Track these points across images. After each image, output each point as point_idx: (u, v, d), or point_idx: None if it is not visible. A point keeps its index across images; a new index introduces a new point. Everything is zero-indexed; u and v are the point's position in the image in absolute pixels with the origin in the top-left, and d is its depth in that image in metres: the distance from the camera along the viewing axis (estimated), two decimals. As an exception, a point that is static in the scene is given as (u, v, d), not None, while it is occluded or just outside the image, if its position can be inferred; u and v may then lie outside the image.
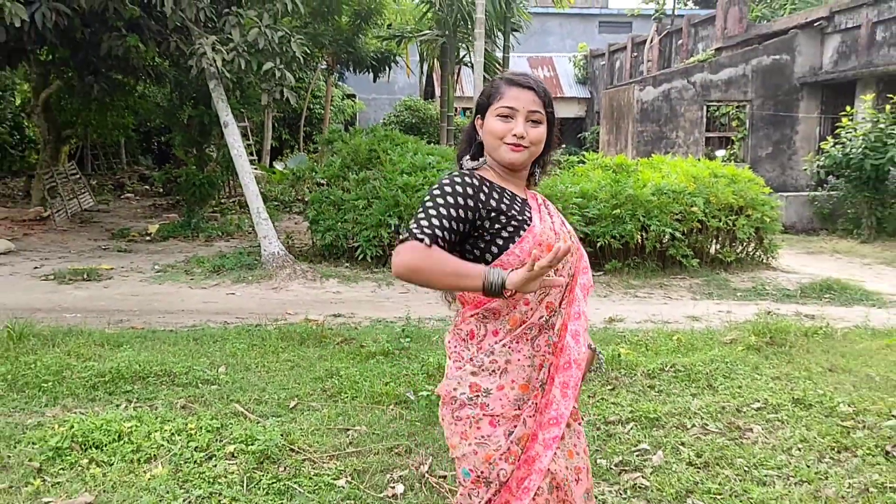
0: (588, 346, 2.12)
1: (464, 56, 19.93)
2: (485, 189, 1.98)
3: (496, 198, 1.99)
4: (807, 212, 14.34)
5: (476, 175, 2.01)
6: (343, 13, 17.40)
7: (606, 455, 3.73)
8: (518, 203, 2.03)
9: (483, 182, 2.00)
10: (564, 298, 2.05)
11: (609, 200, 9.38)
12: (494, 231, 1.97)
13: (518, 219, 1.98)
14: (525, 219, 1.99)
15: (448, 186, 1.95)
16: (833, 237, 13.33)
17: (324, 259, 10.08)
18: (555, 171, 11.79)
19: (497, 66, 19.24)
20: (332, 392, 4.59)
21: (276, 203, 15.65)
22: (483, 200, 1.96)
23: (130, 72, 13.27)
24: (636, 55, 23.26)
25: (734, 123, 16.86)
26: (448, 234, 1.89)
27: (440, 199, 1.92)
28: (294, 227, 12.69)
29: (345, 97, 26.83)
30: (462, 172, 2.01)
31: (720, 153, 16.32)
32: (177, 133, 15.53)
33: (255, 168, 15.94)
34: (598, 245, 9.33)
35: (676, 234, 9.44)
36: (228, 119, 10.12)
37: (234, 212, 14.98)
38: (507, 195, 2.03)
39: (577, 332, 2.07)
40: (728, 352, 5.48)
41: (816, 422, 4.16)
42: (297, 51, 10.04)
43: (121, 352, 5.26)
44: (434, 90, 25.19)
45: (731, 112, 16.81)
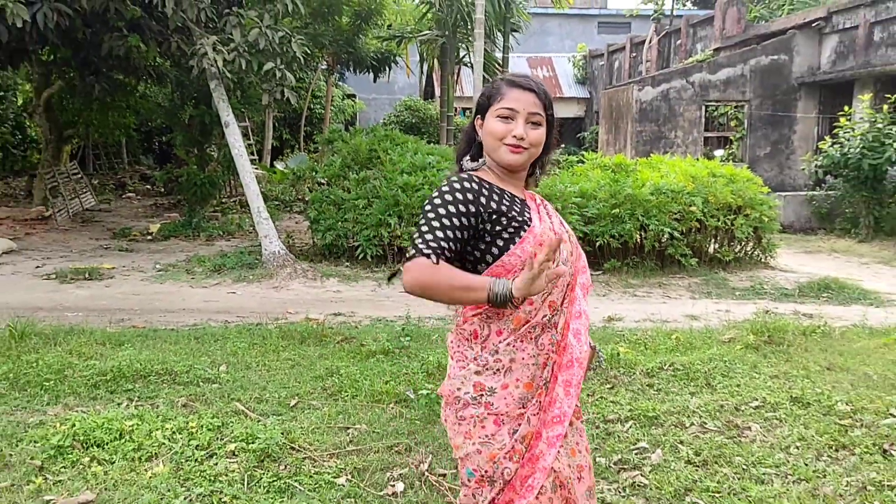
0: (588, 345, 2.13)
1: (463, 56, 19.92)
2: (484, 192, 1.98)
3: (496, 199, 1.99)
4: (805, 211, 14.34)
5: (475, 177, 2.00)
6: (343, 14, 17.39)
7: (605, 453, 3.73)
8: (518, 204, 2.03)
9: (482, 184, 1.99)
10: (566, 297, 2.06)
11: (608, 200, 9.38)
12: (495, 233, 1.96)
13: (518, 220, 1.98)
14: (525, 219, 1.99)
15: (448, 194, 1.94)
16: (831, 236, 13.33)
17: (324, 258, 10.08)
18: (554, 171, 11.81)
19: (496, 67, 19.24)
20: (333, 390, 4.59)
21: (277, 202, 15.65)
22: (484, 203, 1.96)
23: (132, 72, 13.27)
24: (635, 55, 23.26)
25: (732, 123, 16.85)
26: (453, 245, 1.91)
27: (442, 210, 1.92)
28: (295, 227, 12.70)
29: (345, 97, 26.83)
30: (460, 176, 2.00)
31: (719, 153, 16.31)
32: (178, 133, 15.53)
33: (256, 168, 15.94)
34: (598, 244, 9.33)
35: (675, 234, 9.44)
36: (229, 119, 10.12)
37: (235, 211, 14.98)
38: (507, 196, 2.02)
39: (579, 331, 2.07)
40: (726, 350, 5.48)
41: (814, 420, 4.16)
42: (298, 51, 10.04)
43: (122, 350, 5.26)
44: (434, 90, 25.18)
45: (730, 112, 16.81)
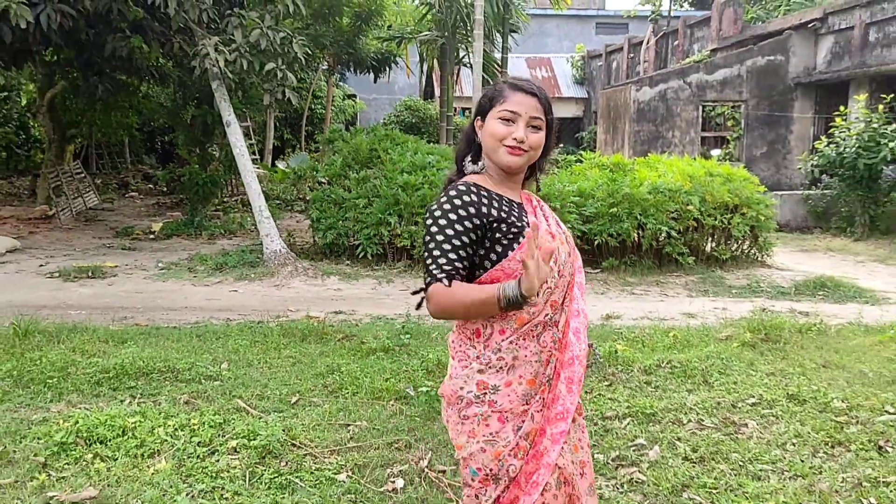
0: (586, 342, 2.12)
1: (463, 57, 19.90)
2: (484, 200, 1.97)
3: (496, 206, 1.98)
4: (801, 210, 14.34)
5: (472, 187, 1.99)
6: (344, 14, 17.38)
7: (604, 450, 3.72)
8: (515, 209, 2.02)
9: (480, 193, 1.98)
10: (567, 296, 2.06)
11: (606, 199, 9.37)
12: (495, 239, 1.96)
13: (517, 225, 1.98)
14: (523, 224, 1.99)
15: (451, 212, 1.93)
16: (827, 235, 13.34)
17: (325, 257, 10.07)
18: (553, 170, 11.80)
19: (496, 67, 19.22)
20: (333, 388, 4.59)
21: (278, 202, 15.64)
22: (485, 213, 1.95)
23: (134, 72, 13.26)
24: (633, 56, 23.25)
25: (729, 123, 16.85)
26: (464, 262, 1.92)
27: (449, 230, 1.92)
28: (296, 226, 12.69)
29: (346, 97, 26.82)
30: (459, 189, 1.98)
31: (716, 152, 16.31)
32: (180, 133, 15.53)
33: (258, 167, 15.93)
34: (596, 243, 9.34)
35: (672, 233, 9.44)
36: (231, 119, 10.11)
37: (237, 210, 14.97)
38: (505, 202, 2.01)
39: (578, 329, 2.07)
40: (723, 348, 5.48)
41: (810, 417, 4.16)
42: (299, 51, 10.03)
43: (125, 348, 5.26)
44: (434, 90, 25.17)
45: (727, 112, 16.81)
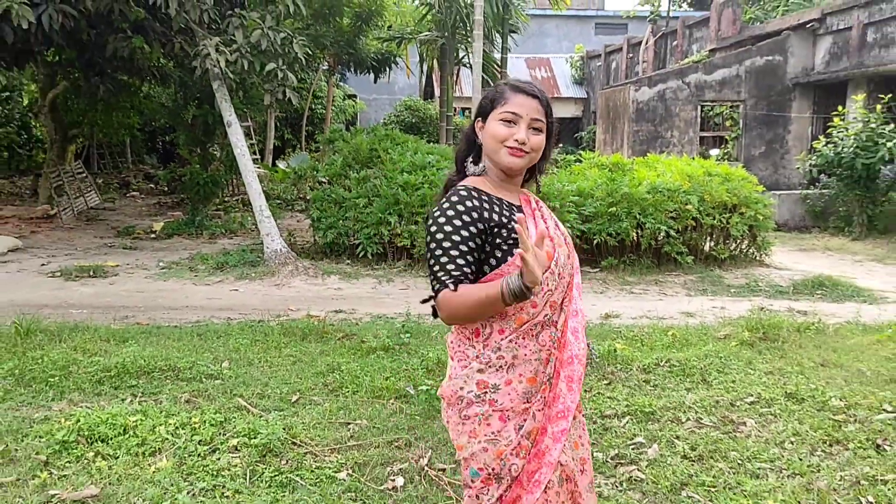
0: (584, 342, 2.12)
1: (463, 57, 19.90)
2: (485, 205, 1.96)
3: (497, 211, 1.97)
4: (799, 210, 14.34)
5: (472, 191, 1.98)
6: (344, 15, 17.37)
7: (603, 448, 3.72)
8: (515, 212, 2.01)
9: (481, 197, 1.97)
10: (566, 296, 2.05)
11: (605, 199, 9.37)
12: (495, 245, 1.95)
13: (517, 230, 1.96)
14: None
15: (456, 219, 1.92)
16: (825, 235, 13.33)
17: (325, 256, 10.07)
18: (552, 170, 11.79)
19: (495, 67, 19.22)
20: (334, 386, 4.59)
21: (279, 201, 15.64)
22: (487, 218, 1.94)
23: (136, 72, 13.25)
24: (632, 56, 23.25)
25: (728, 123, 16.85)
26: (471, 267, 1.91)
27: (455, 236, 1.90)
28: (296, 225, 12.69)
29: (346, 97, 26.82)
30: (460, 195, 1.96)
31: (714, 152, 16.31)
32: (181, 133, 15.52)
33: (258, 167, 15.92)
34: (595, 242, 9.34)
35: (671, 232, 9.44)
36: (232, 119, 10.11)
37: (238, 210, 14.97)
38: (505, 206, 2.00)
39: (577, 329, 2.07)
40: (722, 347, 5.48)
41: (808, 416, 4.16)
42: (299, 52, 10.02)
43: (126, 347, 5.25)
44: (433, 90, 25.17)
45: (725, 112, 16.81)
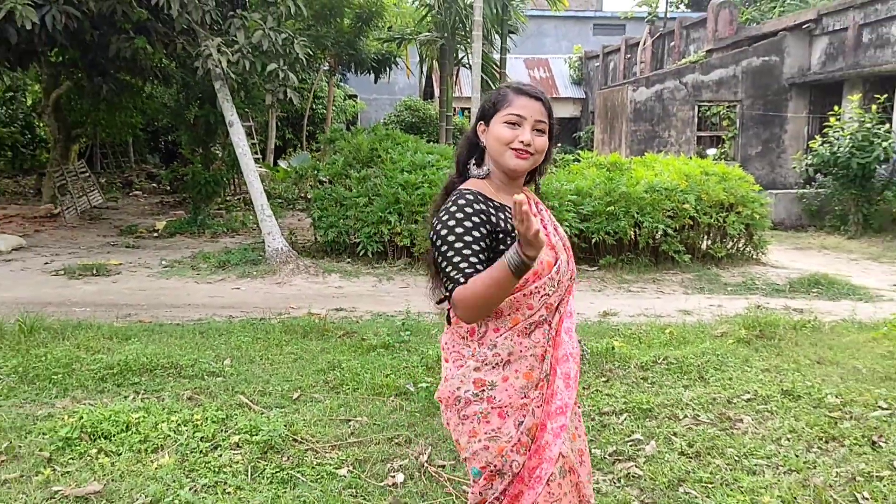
0: (576, 340, 2.14)
1: (462, 57, 19.86)
2: (491, 210, 1.95)
3: (503, 217, 1.96)
4: (795, 209, 14.33)
5: (477, 195, 1.97)
6: (345, 16, 17.34)
7: (601, 445, 3.72)
8: None
9: (487, 201, 1.96)
10: (563, 300, 2.05)
11: (603, 198, 9.36)
12: (499, 251, 1.94)
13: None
14: None
15: (466, 220, 1.91)
16: (821, 233, 13.33)
17: (326, 255, 10.07)
18: (551, 170, 11.79)
19: (494, 68, 19.19)
20: (334, 384, 4.58)
21: (280, 200, 15.64)
22: (493, 222, 1.94)
23: (138, 73, 13.23)
24: (629, 57, 23.23)
25: (725, 123, 16.84)
26: (482, 265, 1.87)
27: (467, 237, 1.89)
28: (297, 224, 12.68)
29: (346, 97, 26.79)
30: (467, 198, 1.95)
31: (711, 152, 16.31)
32: (183, 132, 15.50)
33: (260, 166, 15.92)
34: (593, 241, 9.33)
35: (669, 231, 9.43)
36: (233, 119, 10.10)
37: (239, 209, 14.95)
38: (508, 212, 1.99)
39: (570, 329, 2.09)
40: (719, 345, 5.47)
41: (805, 412, 4.16)
42: (300, 52, 10.01)
43: (129, 345, 5.25)
44: (433, 90, 25.14)
45: (722, 112, 16.80)
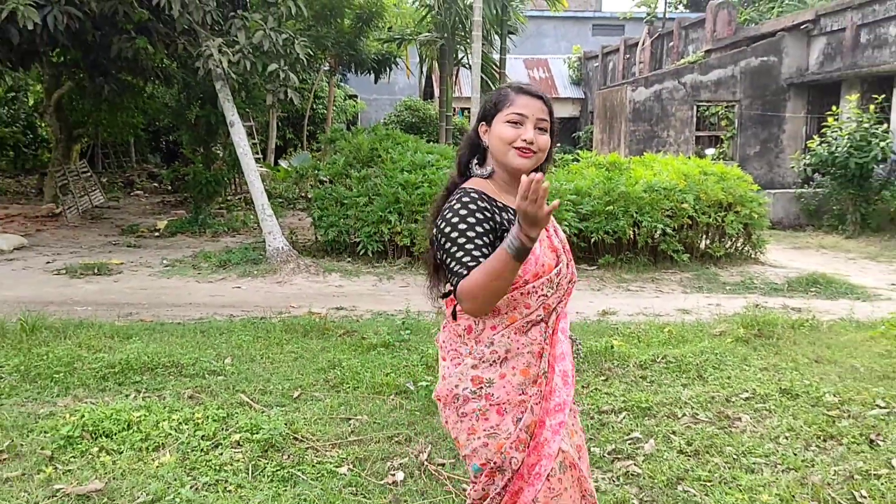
0: (569, 338, 2.15)
1: (462, 58, 19.85)
2: (494, 209, 1.95)
3: (507, 217, 1.96)
4: (793, 208, 14.33)
5: (481, 193, 1.96)
6: (345, 16, 17.33)
7: (600, 443, 3.72)
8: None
9: (491, 200, 1.96)
10: (561, 301, 2.05)
11: (602, 197, 9.36)
12: None
13: None
14: None
15: (469, 217, 1.90)
16: (819, 233, 13.33)
17: (326, 254, 10.06)
18: (550, 169, 11.77)
19: (494, 68, 19.18)
20: (335, 382, 4.58)
21: (281, 200, 15.63)
22: (497, 220, 1.93)
23: (139, 73, 13.23)
24: (628, 57, 23.21)
25: (723, 123, 16.83)
26: (485, 259, 1.85)
27: (470, 232, 1.88)
28: (298, 224, 12.68)
29: (347, 98, 26.78)
30: (471, 196, 1.95)
31: (710, 151, 16.30)
32: (184, 132, 15.48)
33: (260, 166, 15.91)
34: (592, 240, 9.33)
35: (667, 230, 9.43)
36: (234, 119, 10.09)
37: (240, 208, 14.95)
38: (510, 212, 1.98)
39: (565, 329, 2.10)
40: (717, 343, 5.47)
41: (803, 411, 4.16)
42: (301, 53, 10.01)
43: (130, 344, 5.25)
44: (433, 91, 25.13)
45: (721, 112, 16.78)
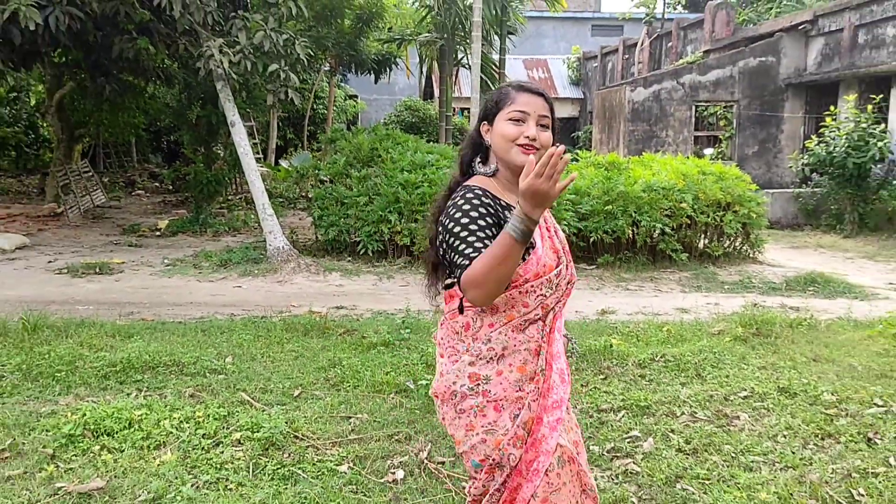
0: (563, 337, 2.15)
1: (461, 58, 19.84)
2: (499, 207, 1.95)
3: (509, 215, 1.96)
4: (792, 208, 14.33)
5: (484, 191, 1.96)
6: (345, 17, 17.33)
7: (599, 442, 3.72)
8: None
9: (494, 199, 1.96)
10: (560, 301, 2.05)
11: (601, 197, 9.36)
12: None
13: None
14: (531, 240, 1.96)
15: (472, 211, 1.90)
16: (817, 232, 13.33)
17: (327, 253, 10.06)
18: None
19: (493, 68, 19.18)
20: (335, 381, 4.58)
21: (281, 200, 15.63)
22: (501, 218, 1.93)
23: (141, 73, 13.23)
24: (627, 57, 23.21)
25: (722, 123, 16.83)
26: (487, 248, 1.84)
27: (472, 225, 1.88)
28: (298, 223, 12.68)
29: (347, 98, 26.78)
30: (475, 192, 1.95)
31: (708, 151, 16.30)
32: (185, 132, 15.48)
33: (261, 166, 15.90)
34: (591, 240, 9.32)
35: (666, 230, 9.42)
36: (235, 119, 10.09)
37: (241, 208, 14.95)
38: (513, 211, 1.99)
39: (560, 328, 2.10)
40: (716, 342, 5.47)
41: (801, 410, 4.15)
42: (301, 53, 10.00)
43: (131, 342, 5.25)
44: (433, 91, 25.12)
45: (719, 112, 16.78)
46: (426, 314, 6.65)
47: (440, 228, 1.96)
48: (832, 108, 13.33)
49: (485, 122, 2.07)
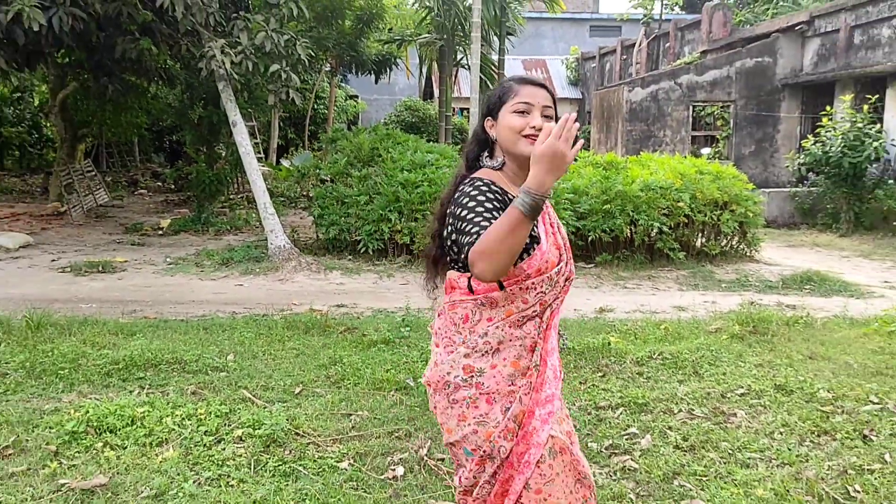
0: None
1: (461, 58, 19.83)
2: (506, 199, 1.94)
3: None
4: (788, 207, 14.33)
5: (491, 182, 1.96)
6: (346, 17, 17.32)
7: (597, 439, 3.72)
8: None
9: (502, 191, 1.95)
10: (558, 298, 2.05)
11: (599, 196, 9.35)
12: None
13: (530, 234, 1.92)
14: (535, 235, 1.96)
15: (480, 195, 1.90)
16: (813, 231, 13.33)
17: (328, 252, 10.05)
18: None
19: (493, 69, 19.16)
20: (336, 379, 4.58)
21: (283, 199, 15.62)
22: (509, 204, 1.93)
23: (143, 73, 13.22)
24: (625, 58, 23.20)
25: (719, 123, 16.82)
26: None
27: (479, 208, 1.87)
28: (299, 222, 12.67)
29: (347, 98, 26.78)
30: (483, 181, 1.95)
31: (705, 151, 16.29)
32: (188, 132, 15.47)
33: (262, 165, 15.89)
34: (589, 239, 9.32)
35: (664, 228, 9.42)
36: (237, 118, 10.08)
37: (243, 207, 14.93)
38: None
39: (556, 325, 2.10)
40: (713, 340, 5.47)
41: (797, 407, 4.15)
42: (303, 53, 10.00)
43: (134, 340, 5.24)
44: (433, 91, 25.12)
45: (716, 112, 16.77)
46: (426, 312, 6.65)
47: (451, 220, 1.95)
48: (828, 108, 13.33)
49: (489, 118, 2.07)
